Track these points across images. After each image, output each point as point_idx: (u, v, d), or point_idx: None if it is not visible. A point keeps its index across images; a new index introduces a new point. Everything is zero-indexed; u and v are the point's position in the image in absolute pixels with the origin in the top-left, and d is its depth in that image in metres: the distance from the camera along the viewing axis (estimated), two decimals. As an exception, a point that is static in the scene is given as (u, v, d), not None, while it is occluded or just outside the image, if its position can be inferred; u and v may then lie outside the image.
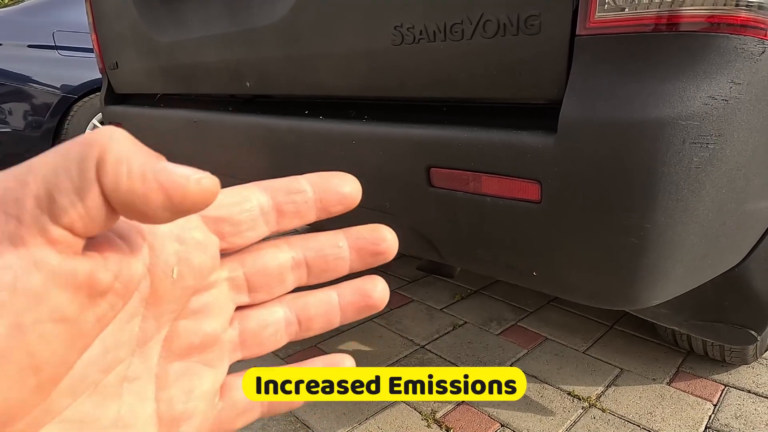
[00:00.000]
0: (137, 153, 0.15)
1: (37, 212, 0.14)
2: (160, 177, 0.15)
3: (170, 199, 0.15)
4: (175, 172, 0.15)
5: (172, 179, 0.15)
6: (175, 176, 0.15)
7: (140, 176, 0.15)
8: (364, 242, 0.22)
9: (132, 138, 0.16)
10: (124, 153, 0.15)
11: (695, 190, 0.57)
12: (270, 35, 0.96)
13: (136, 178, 0.15)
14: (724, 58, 0.52)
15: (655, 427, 1.07)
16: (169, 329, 0.20)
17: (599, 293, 0.68)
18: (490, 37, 0.64)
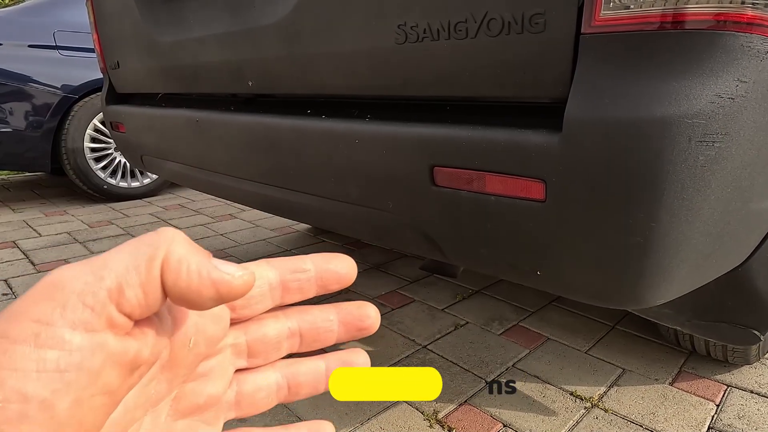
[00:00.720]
0: (194, 254, 0.19)
1: (107, 302, 0.17)
2: (213, 275, 0.18)
3: (218, 293, 0.18)
4: (223, 271, 0.19)
5: (221, 277, 0.18)
6: (224, 274, 0.18)
7: (197, 274, 0.18)
8: (351, 318, 0.25)
9: (188, 239, 0.19)
10: (184, 254, 0.18)
11: (701, 189, 0.56)
12: (272, 34, 0.96)
13: (193, 276, 0.18)
14: (730, 56, 0.52)
15: (658, 428, 1.06)
16: (177, 391, 0.22)
17: (603, 293, 0.68)
18: (494, 35, 0.64)
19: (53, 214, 2.87)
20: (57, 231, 2.53)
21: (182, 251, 0.18)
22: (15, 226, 2.61)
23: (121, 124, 1.59)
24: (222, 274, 0.18)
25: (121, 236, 2.43)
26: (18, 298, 0.17)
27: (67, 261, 2.09)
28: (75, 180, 2.96)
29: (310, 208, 1.03)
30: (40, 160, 2.84)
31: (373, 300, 1.69)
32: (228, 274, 0.18)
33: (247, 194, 1.21)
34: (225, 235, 2.45)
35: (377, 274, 1.92)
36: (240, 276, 0.19)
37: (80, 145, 2.88)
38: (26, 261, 2.09)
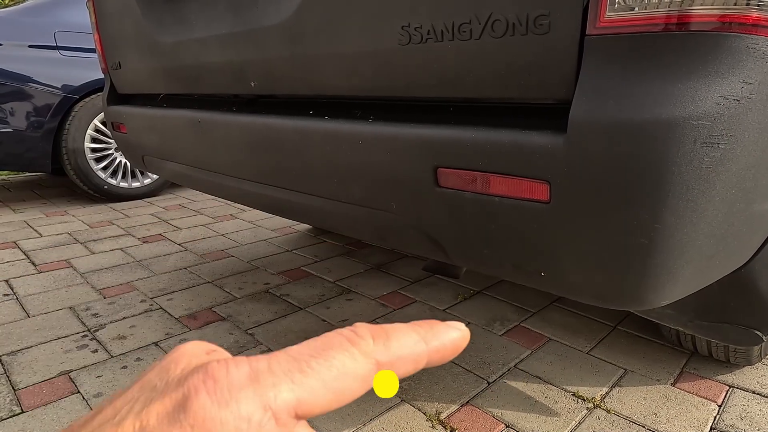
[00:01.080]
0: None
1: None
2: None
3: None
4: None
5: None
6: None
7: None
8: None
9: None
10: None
11: (705, 191, 0.56)
12: (275, 35, 0.95)
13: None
14: (735, 57, 0.52)
15: (660, 428, 1.06)
16: None
17: (607, 294, 0.68)
18: (498, 36, 0.64)
19: (54, 214, 2.86)
20: (58, 231, 2.53)
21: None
22: (16, 227, 2.61)
23: (123, 124, 1.59)
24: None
25: (121, 236, 2.43)
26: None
27: (68, 261, 2.09)
28: (75, 180, 2.96)
29: (312, 209, 1.03)
30: (40, 161, 2.84)
31: (374, 300, 1.69)
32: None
33: (248, 195, 1.21)
34: (225, 235, 2.45)
35: (378, 275, 1.92)
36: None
37: (81, 146, 2.88)
38: (27, 261, 2.09)
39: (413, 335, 0.19)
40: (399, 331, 0.19)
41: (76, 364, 1.32)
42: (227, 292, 1.78)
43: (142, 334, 1.48)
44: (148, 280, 1.89)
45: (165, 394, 0.16)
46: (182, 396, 0.16)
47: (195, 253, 2.20)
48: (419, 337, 0.19)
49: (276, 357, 0.17)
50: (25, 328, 1.52)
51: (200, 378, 0.16)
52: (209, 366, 0.17)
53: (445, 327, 0.20)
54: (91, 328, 1.52)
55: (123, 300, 1.72)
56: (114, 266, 2.04)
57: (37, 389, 1.22)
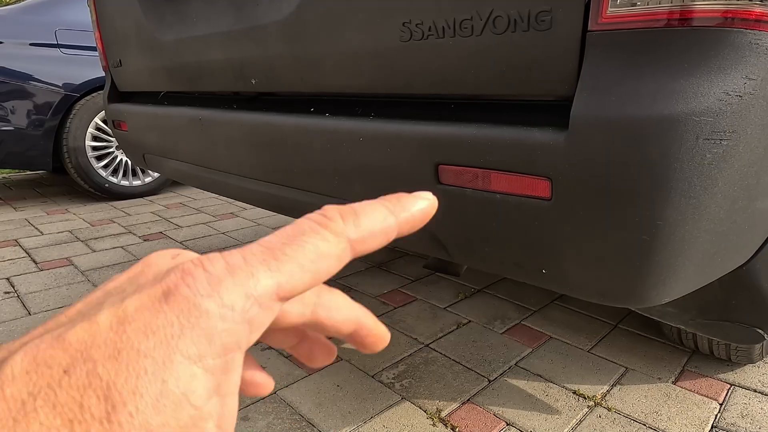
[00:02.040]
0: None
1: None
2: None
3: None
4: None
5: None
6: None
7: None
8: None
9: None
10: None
11: (707, 187, 0.56)
12: (276, 32, 0.95)
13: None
14: (738, 53, 0.52)
15: (661, 426, 1.06)
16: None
17: (609, 291, 0.67)
18: (500, 33, 0.64)
19: (55, 212, 2.87)
20: (58, 229, 2.53)
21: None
22: (16, 225, 2.61)
23: (124, 122, 1.59)
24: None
25: (122, 234, 2.43)
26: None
27: (69, 259, 2.09)
28: (76, 178, 2.96)
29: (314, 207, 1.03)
30: (41, 159, 2.84)
31: (374, 299, 1.69)
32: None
33: (249, 192, 1.21)
34: (226, 233, 2.45)
35: (379, 273, 1.92)
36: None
37: (82, 144, 2.88)
38: (28, 259, 2.09)
39: (382, 210, 0.20)
40: (368, 207, 0.20)
41: (77, 362, 1.32)
42: (228, 290, 1.78)
43: (143, 331, 1.48)
44: (149, 278, 1.89)
45: (141, 291, 0.16)
46: (162, 291, 0.16)
47: (196, 251, 2.20)
48: (388, 211, 0.20)
49: (249, 249, 0.17)
50: (27, 325, 1.52)
51: (178, 275, 0.16)
52: (184, 265, 0.17)
53: (412, 197, 0.21)
54: (92, 326, 1.52)
55: (124, 298, 1.72)
56: (115, 264, 2.04)
57: (38, 387, 1.22)
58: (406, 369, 1.28)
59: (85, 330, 0.15)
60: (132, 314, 0.15)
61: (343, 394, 1.18)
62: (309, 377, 1.25)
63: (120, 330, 0.15)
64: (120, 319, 0.15)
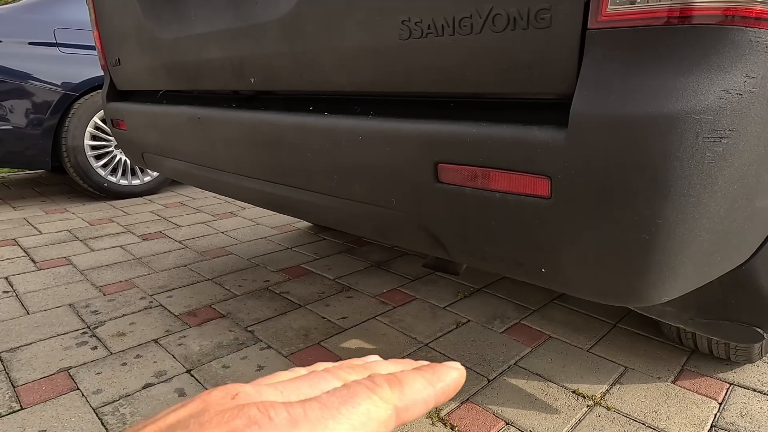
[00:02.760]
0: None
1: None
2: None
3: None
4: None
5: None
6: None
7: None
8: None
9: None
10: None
11: (707, 186, 0.56)
12: (275, 30, 0.95)
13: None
14: (738, 51, 0.52)
15: (661, 426, 1.06)
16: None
17: (608, 290, 0.67)
18: (499, 31, 0.64)
19: (54, 211, 2.86)
20: (57, 229, 2.52)
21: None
22: (15, 224, 2.61)
23: (122, 121, 1.59)
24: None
25: (121, 234, 2.43)
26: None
27: (67, 258, 2.08)
28: (75, 178, 2.96)
29: (313, 205, 1.03)
30: (40, 158, 2.84)
31: (374, 298, 1.69)
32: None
33: (248, 191, 1.21)
34: (225, 233, 2.45)
35: (378, 272, 1.91)
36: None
37: (81, 143, 2.87)
38: (27, 259, 2.09)
39: (421, 380, 0.22)
40: (409, 377, 0.22)
41: (75, 361, 1.32)
42: (227, 289, 1.78)
43: (142, 331, 1.48)
44: (148, 278, 1.89)
45: (205, 430, 0.17)
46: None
47: (195, 250, 2.20)
48: (426, 382, 0.22)
49: (309, 404, 0.19)
50: (25, 325, 1.52)
51: (244, 422, 0.17)
52: (250, 410, 0.18)
53: (446, 369, 0.23)
54: (91, 325, 1.51)
55: (123, 297, 1.71)
56: (114, 263, 2.04)
57: (37, 386, 1.21)
58: (406, 368, 1.28)
59: None
60: None
61: (342, 394, 1.18)
62: (308, 376, 1.24)
63: None
64: None
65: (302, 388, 0.21)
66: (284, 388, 0.20)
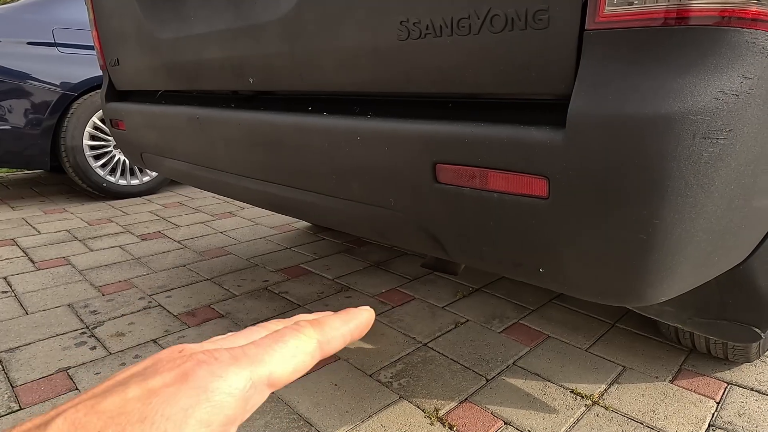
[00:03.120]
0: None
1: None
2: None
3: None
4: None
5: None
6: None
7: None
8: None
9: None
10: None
11: (704, 186, 0.56)
12: (274, 31, 0.95)
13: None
14: (734, 52, 0.52)
15: (659, 425, 1.06)
16: None
17: (606, 290, 0.67)
18: (497, 31, 0.64)
19: (52, 211, 2.86)
20: (56, 229, 2.52)
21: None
22: (14, 224, 2.60)
23: (121, 121, 1.59)
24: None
25: (120, 234, 2.43)
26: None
27: (66, 258, 2.08)
28: (74, 178, 2.96)
29: (311, 206, 1.03)
30: (39, 158, 2.84)
31: (373, 298, 1.69)
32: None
33: (247, 192, 1.21)
34: (224, 232, 2.45)
35: (377, 272, 1.92)
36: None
37: (79, 143, 2.87)
38: (25, 259, 2.09)
39: (338, 320, 0.27)
40: (328, 319, 0.27)
41: (74, 361, 1.32)
42: (226, 289, 1.78)
43: (141, 331, 1.48)
44: (147, 278, 1.89)
45: (162, 373, 0.20)
46: (182, 372, 0.20)
47: (194, 250, 2.20)
48: (342, 321, 0.27)
49: (247, 346, 0.23)
50: (24, 325, 1.52)
51: (194, 362, 0.20)
52: (197, 355, 0.21)
53: (357, 311, 0.28)
54: (90, 325, 1.51)
55: (121, 297, 1.72)
56: (113, 263, 2.03)
57: (35, 386, 1.22)
58: (404, 368, 1.28)
59: (116, 401, 0.19)
60: (156, 389, 0.19)
61: (341, 394, 1.18)
62: (307, 376, 1.25)
63: (146, 401, 0.18)
64: (146, 393, 0.19)
65: (238, 340, 0.24)
66: (223, 342, 0.24)
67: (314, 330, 0.25)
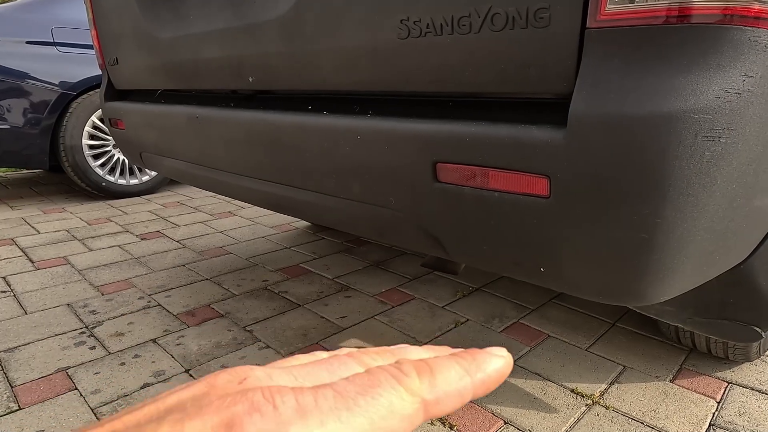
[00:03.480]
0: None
1: None
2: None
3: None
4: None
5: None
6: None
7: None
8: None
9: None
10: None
11: (706, 185, 0.56)
12: (273, 30, 0.95)
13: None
14: (737, 50, 0.52)
15: (659, 425, 1.06)
16: None
17: (607, 289, 0.67)
18: (498, 30, 0.64)
19: (51, 211, 2.86)
20: (55, 228, 2.52)
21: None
22: (13, 224, 2.60)
23: (120, 120, 1.58)
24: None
25: (119, 233, 2.42)
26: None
27: (65, 258, 2.08)
28: (73, 177, 2.95)
29: (311, 205, 1.03)
30: (38, 157, 2.83)
31: (372, 297, 1.69)
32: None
33: (247, 191, 1.21)
34: (224, 232, 2.45)
35: (377, 272, 1.91)
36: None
37: (78, 143, 2.87)
38: (24, 258, 2.08)
39: (457, 368, 0.19)
40: (442, 365, 0.19)
41: (73, 361, 1.32)
42: (225, 288, 1.78)
43: (140, 330, 1.48)
44: (146, 277, 1.88)
45: (203, 414, 0.15)
46: (225, 421, 0.15)
47: (193, 250, 2.19)
48: (463, 371, 0.19)
49: (322, 392, 0.17)
50: (23, 324, 1.52)
51: (245, 408, 0.15)
52: (254, 396, 0.16)
53: (487, 356, 0.20)
54: (89, 325, 1.51)
55: (121, 297, 1.71)
56: (112, 263, 2.03)
57: (35, 386, 1.21)
58: (404, 368, 1.28)
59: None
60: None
61: (341, 393, 1.18)
62: (307, 376, 1.24)
63: None
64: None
65: (319, 374, 0.18)
66: (299, 372, 0.18)
67: (421, 382, 0.18)
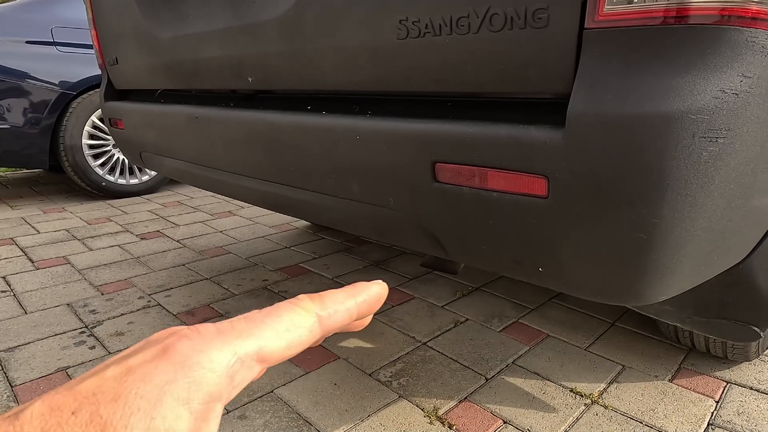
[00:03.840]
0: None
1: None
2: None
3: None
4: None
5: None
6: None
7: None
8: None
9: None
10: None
11: (704, 186, 0.56)
12: (273, 30, 0.95)
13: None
14: (734, 51, 0.52)
15: (658, 424, 1.07)
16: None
17: (605, 289, 0.67)
18: (497, 30, 0.64)
19: (51, 211, 2.86)
20: (55, 228, 2.52)
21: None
22: (13, 223, 2.60)
23: (120, 120, 1.58)
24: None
25: (119, 233, 2.42)
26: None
27: (65, 258, 2.08)
28: (73, 177, 2.96)
29: (311, 205, 1.03)
30: (38, 157, 2.83)
31: (372, 297, 1.69)
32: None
33: (247, 191, 1.21)
34: (224, 232, 2.45)
35: (377, 272, 1.92)
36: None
37: (78, 142, 2.87)
38: (24, 258, 2.09)
39: (343, 293, 0.25)
40: (331, 292, 0.24)
41: (73, 361, 1.32)
42: (225, 288, 1.78)
43: (140, 330, 1.48)
44: (146, 277, 1.88)
45: (142, 351, 0.19)
46: (161, 348, 0.19)
47: (193, 249, 2.19)
48: (347, 294, 0.25)
49: (236, 319, 0.21)
50: (23, 324, 1.52)
51: (175, 337, 0.19)
52: (181, 330, 0.20)
53: (367, 284, 0.26)
54: (89, 325, 1.51)
55: (121, 296, 1.71)
56: (112, 263, 2.03)
57: (35, 386, 1.21)
58: (404, 367, 1.28)
59: (93, 381, 0.18)
60: (134, 367, 0.18)
61: (341, 393, 1.18)
62: (306, 375, 1.25)
63: (122, 380, 0.18)
64: (123, 372, 0.18)
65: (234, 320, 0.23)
66: (219, 324, 0.22)
67: (313, 303, 0.23)
